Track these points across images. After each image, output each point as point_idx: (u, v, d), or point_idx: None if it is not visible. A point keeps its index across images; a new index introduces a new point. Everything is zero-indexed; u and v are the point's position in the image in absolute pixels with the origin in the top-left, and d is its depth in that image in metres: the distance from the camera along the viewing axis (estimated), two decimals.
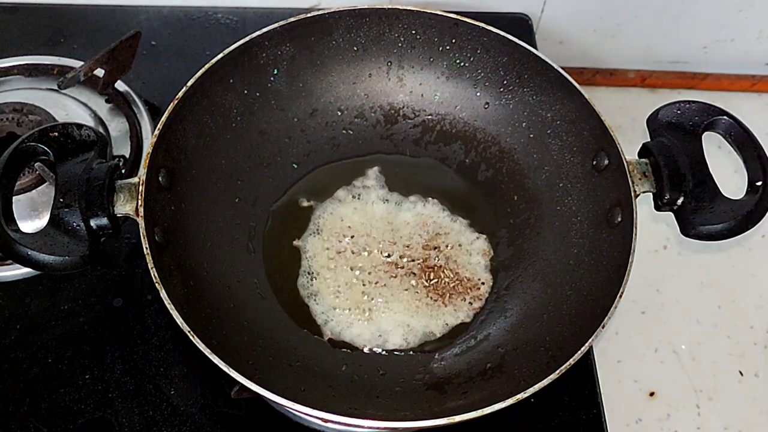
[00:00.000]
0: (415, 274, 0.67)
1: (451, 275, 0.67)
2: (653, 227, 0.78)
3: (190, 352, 0.51)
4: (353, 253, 0.67)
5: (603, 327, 0.54)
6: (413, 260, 0.67)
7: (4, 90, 0.76)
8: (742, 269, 0.78)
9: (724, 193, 0.59)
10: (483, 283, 0.67)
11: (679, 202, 0.59)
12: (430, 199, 0.71)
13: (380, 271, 0.67)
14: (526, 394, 0.51)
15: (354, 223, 0.69)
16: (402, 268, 0.67)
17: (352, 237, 0.68)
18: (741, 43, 0.89)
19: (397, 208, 0.70)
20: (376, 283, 0.66)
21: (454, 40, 0.69)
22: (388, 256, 0.67)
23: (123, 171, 0.60)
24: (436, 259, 0.67)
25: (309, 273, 0.67)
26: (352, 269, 0.67)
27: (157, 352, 0.65)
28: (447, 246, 0.68)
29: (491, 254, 0.68)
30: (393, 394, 0.60)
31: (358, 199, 0.70)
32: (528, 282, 0.66)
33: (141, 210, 0.56)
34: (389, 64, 0.72)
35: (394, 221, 0.69)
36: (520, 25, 0.86)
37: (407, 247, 0.68)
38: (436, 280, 0.67)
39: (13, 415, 0.61)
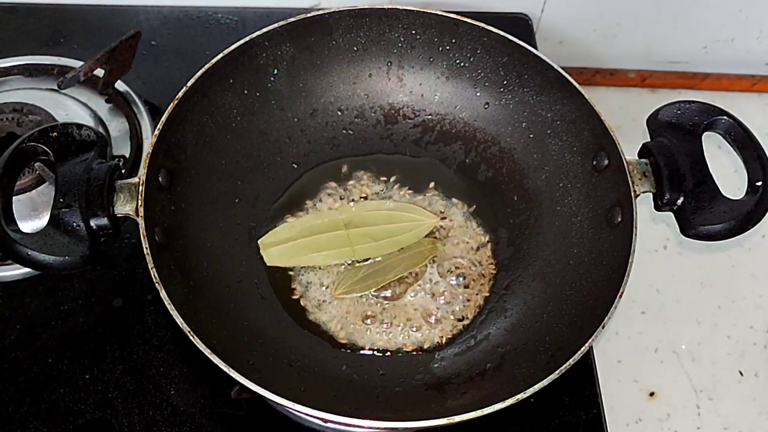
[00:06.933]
0: (414, 273, 0.67)
1: (451, 275, 0.67)
2: (653, 227, 0.78)
3: (190, 352, 0.51)
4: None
5: (603, 327, 0.54)
6: None
7: (4, 90, 0.76)
8: (742, 269, 0.78)
9: (724, 193, 0.59)
10: (482, 283, 0.67)
11: (679, 202, 0.59)
12: (429, 198, 0.71)
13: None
14: (526, 394, 0.52)
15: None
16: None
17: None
18: (741, 43, 0.89)
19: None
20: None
21: (454, 40, 0.69)
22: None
23: (123, 171, 0.60)
24: (436, 258, 0.67)
25: (309, 272, 0.66)
26: (351, 268, 0.67)
27: (157, 352, 0.65)
28: (446, 246, 0.68)
29: (491, 254, 0.68)
30: (393, 394, 0.60)
31: (358, 198, 0.70)
32: (528, 282, 0.66)
33: (141, 210, 0.56)
34: (389, 64, 0.72)
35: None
36: (520, 25, 0.86)
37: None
38: (435, 279, 0.66)
39: (13, 415, 0.61)
